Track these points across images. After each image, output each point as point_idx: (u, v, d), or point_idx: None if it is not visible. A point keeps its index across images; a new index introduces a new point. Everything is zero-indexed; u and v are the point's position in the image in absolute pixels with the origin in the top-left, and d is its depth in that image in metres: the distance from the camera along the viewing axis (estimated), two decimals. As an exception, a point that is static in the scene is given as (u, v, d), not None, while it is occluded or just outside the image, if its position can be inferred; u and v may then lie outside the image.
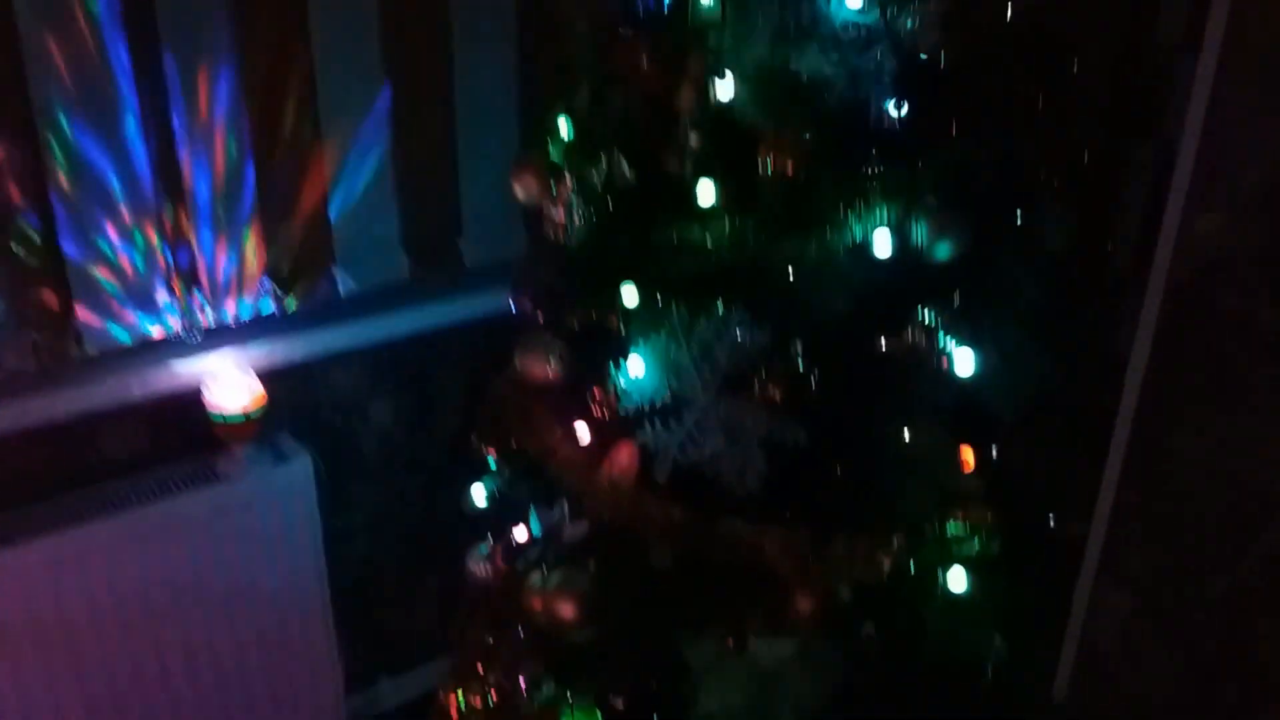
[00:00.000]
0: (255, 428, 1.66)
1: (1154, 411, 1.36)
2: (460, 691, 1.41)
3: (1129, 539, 1.43)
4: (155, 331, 1.64)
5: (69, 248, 1.53)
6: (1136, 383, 1.36)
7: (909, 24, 1.03)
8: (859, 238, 1.06)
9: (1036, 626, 1.42)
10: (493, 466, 1.37)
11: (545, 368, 1.26)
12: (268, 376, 1.68)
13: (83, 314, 1.57)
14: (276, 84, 1.63)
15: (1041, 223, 1.19)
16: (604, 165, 1.14)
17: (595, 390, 1.18)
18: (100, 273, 1.57)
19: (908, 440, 1.11)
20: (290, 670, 1.76)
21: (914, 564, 1.11)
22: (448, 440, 1.90)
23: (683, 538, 1.13)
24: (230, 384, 1.64)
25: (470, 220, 1.88)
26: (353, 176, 1.74)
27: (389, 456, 1.90)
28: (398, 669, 2.04)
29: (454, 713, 1.41)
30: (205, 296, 1.67)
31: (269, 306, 1.73)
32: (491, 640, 1.39)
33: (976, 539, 1.12)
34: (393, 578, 1.98)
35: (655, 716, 1.22)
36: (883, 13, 1.03)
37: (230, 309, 1.69)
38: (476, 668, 1.40)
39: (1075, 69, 1.20)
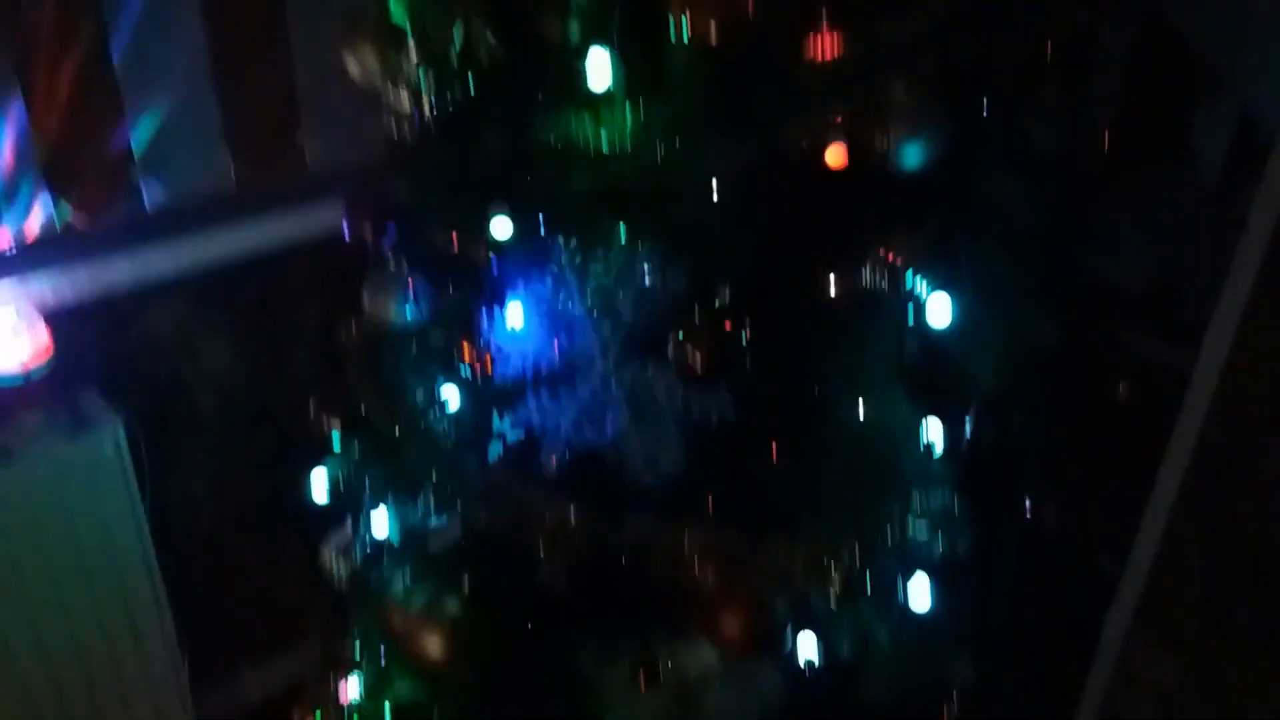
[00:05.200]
0: (43, 389, 1.31)
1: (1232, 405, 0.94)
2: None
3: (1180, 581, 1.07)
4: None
5: None
6: (1217, 360, 0.96)
7: None
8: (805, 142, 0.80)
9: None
10: (337, 445, 1.06)
11: (398, 312, 0.99)
12: (58, 319, 1.33)
13: None
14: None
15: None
16: (460, 30, 0.81)
17: (464, 346, 0.95)
18: None
19: (862, 414, 0.87)
20: (128, 663, 1.48)
21: (867, 570, 0.88)
22: (299, 390, 1.57)
23: (580, 544, 0.88)
24: (2, 333, 1.28)
25: (311, 107, 1.49)
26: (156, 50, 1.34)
27: (226, 413, 1.57)
28: (258, 659, 1.76)
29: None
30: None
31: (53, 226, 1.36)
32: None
33: (943, 537, 0.89)
34: (240, 558, 1.68)
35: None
36: None
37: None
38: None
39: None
